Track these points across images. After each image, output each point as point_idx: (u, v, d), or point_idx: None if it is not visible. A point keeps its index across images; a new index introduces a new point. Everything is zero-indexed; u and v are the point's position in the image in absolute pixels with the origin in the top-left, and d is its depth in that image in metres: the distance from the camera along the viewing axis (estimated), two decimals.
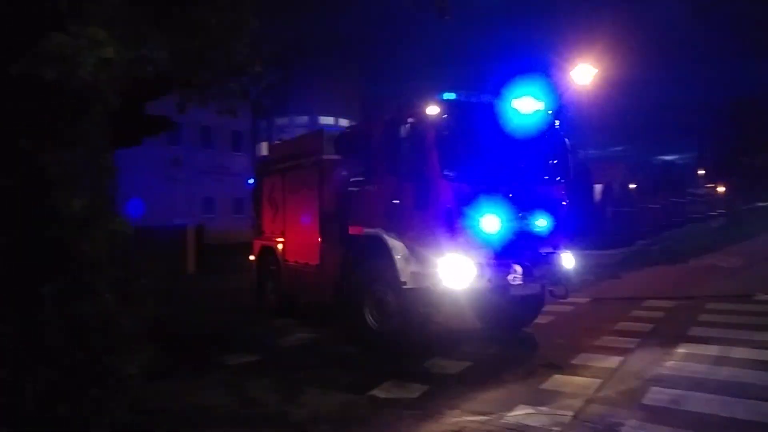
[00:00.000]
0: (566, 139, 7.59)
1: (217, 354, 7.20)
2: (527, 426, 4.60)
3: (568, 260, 7.17)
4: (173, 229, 16.71)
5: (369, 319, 7.10)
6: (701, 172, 57.30)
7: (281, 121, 31.15)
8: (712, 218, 35.76)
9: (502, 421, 4.73)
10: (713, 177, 52.95)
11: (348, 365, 6.63)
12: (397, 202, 6.82)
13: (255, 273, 10.39)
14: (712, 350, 6.47)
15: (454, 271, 6.24)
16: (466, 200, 6.39)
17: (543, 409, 4.89)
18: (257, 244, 10.32)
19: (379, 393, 5.53)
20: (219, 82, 9.17)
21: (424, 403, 5.24)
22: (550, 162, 7.44)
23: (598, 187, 24.49)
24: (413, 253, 6.63)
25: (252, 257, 10.56)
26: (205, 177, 27.39)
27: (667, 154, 68.85)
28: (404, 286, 6.48)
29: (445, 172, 6.39)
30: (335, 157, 8.21)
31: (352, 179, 7.70)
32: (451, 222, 6.34)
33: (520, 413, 4.85)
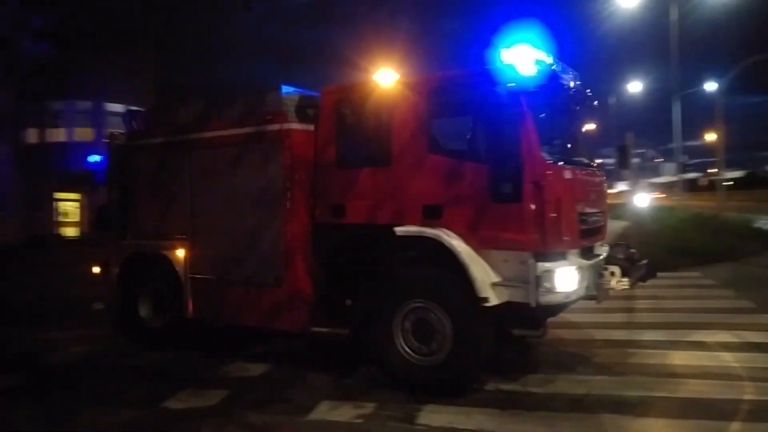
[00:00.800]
0: None
1: None
2: (331, 421, 4.60)
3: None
4: None
5: (404, 349, 5.34)
6: None
7: (57, 105, 27.06)
8: None
9: (307, 418, 4.68)
10: None
11: (136, 378, 5.94)
12: (459, 190, 5.20)
13: (117, 290, 7.52)
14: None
15: (560, 280, 4.89)
16: (566, 189, 5.10)
17: (347, 402, 4.93)
18: (124, 249, 7.54)
19: (173, 404, 5.06)
20: None
21: (225, 408, 4.93)
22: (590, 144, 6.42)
23: None
24: (486, 260, 5.12)
25: (97, 268, 7.72)
26: None
27: None
28: (485, 304, 4.90)
29: (543, 153, 4.96)
30: (308, 127, 6.11)
31: (348, 159, 5.84)
32: (558, 217, 4.94)
33: (324, 408, 4.84)
